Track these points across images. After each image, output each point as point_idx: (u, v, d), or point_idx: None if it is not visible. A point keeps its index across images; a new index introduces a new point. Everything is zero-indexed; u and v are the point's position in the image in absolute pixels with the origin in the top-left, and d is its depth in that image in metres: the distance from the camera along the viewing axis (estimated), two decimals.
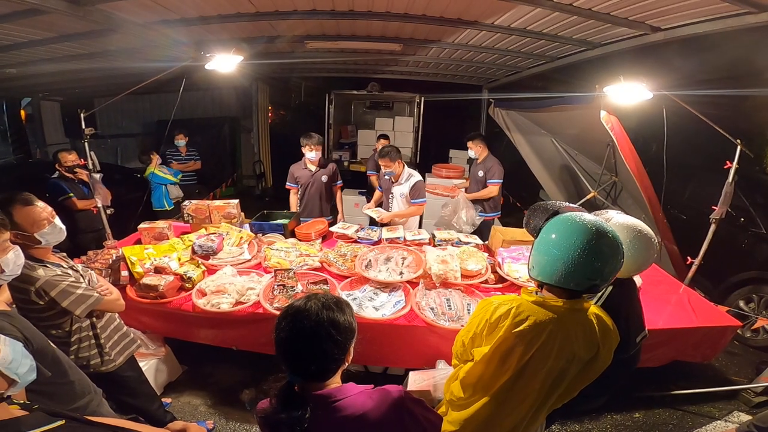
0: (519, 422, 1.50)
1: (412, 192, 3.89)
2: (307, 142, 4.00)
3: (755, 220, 4.01)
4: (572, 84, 5.00)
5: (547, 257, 1.32)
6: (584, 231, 1.28)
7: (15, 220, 1.74)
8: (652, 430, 2.76)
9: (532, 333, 1.33)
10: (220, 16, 3.63)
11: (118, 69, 4.98)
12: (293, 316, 1.09)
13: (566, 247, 1.27)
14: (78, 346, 1.95)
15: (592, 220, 1.32)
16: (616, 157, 4.09)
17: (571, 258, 1.26)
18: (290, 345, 1.08)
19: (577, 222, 1.31)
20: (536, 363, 1.37)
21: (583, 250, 1.25)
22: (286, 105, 10.86)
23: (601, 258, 1.27)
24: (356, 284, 2.84)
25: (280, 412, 1.05)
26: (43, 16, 3.05)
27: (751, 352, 3.67)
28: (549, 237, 1.34)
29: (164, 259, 2.84)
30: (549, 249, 1.32)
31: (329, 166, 4.26)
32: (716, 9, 2.75)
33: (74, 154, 3.91)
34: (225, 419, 2.74)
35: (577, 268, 1.26)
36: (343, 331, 1.10)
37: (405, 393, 1.16)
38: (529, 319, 1.33)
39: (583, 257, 1.25)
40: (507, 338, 1.35)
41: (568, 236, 1.29)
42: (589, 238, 1.26)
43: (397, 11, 3.63)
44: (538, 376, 1.40)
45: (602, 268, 1.28)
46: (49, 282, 1.78)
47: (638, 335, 1.86)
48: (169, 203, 5.37)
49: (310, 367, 1.08)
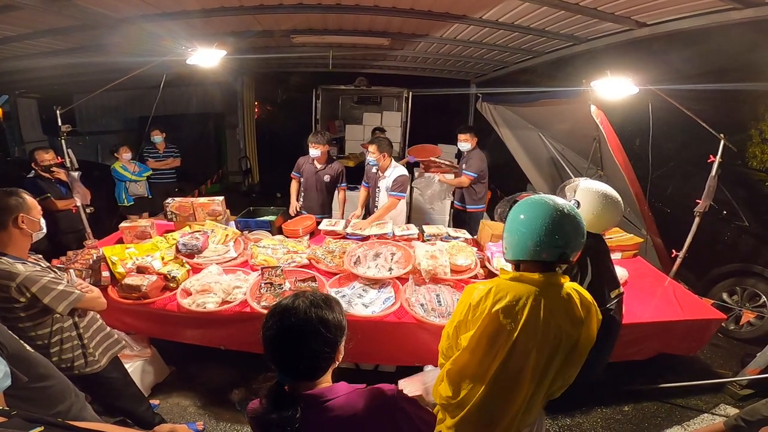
0: (516, 411, 1.49)
1: (393, 184, 3.85)
2: (311, 139, 3.97)
3: (738, 213, 4.09)
4: (560, 79, 5.04)
5: (517, 236, 1.43)
6: (546, 206, 1.41)
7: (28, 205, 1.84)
8: (642, 423, 2.80)
9: (514, 307, 1.38)
10: (203, 11, 3.54)
11: (96, 65, 4.85)
12: (281, 315, 1.06)
13: (533, 223, 1.39)
14: (60, 347, 1.90)
15: (550, 197, 1.47)
16: (603, 151, 4.13)
17: (539, 231, 1.37)
18: (278, 344, 1.06)
19: (539, 200, 1.45)
20: (524, 339, 1.38)
21: (547, 222, 1.37)
22: (272, 100, 10.74)
23: (565, 226, 1.39)
24: (345, 281, 2.82)
25: (270, 413, 1.03)
26: (16, 11, 2.96)
27: (736, 345, 3.74)
28: (517, 218, 1.45)
29: (147, 258, 2.78)
30: (518, 228, 1.44)
31: (335, 167, 4.18)
32: (701, 5, 2.77)
33: (51, 153, 3.79)
34: (215, 420, 2.70)
35: (545, 239, 1.37)
36: (332, 329, 1.08)
37: (397, 392, 1.15)
38: (509, 294, 1.39)
39: (549, 228, 1.37)
40: (491, 318, 1.39)
41: (533, 213, 1.42)
42: (552, 212, 1.39)
43: (385, 5, 3.58)
44: (529, 356, 1.40)
45: (568, 236, 1.39)
46: (29, 277, 1.73)
47: (612, 289, 1.97)
48: (129, 199, 5.28)
49: (298, 366, 1.06)
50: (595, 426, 2.75)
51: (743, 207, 4.09)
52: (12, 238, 1.79)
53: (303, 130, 8.29)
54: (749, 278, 3.78)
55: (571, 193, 1.99)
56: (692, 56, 4.50)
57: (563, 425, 2.75)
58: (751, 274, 3.77)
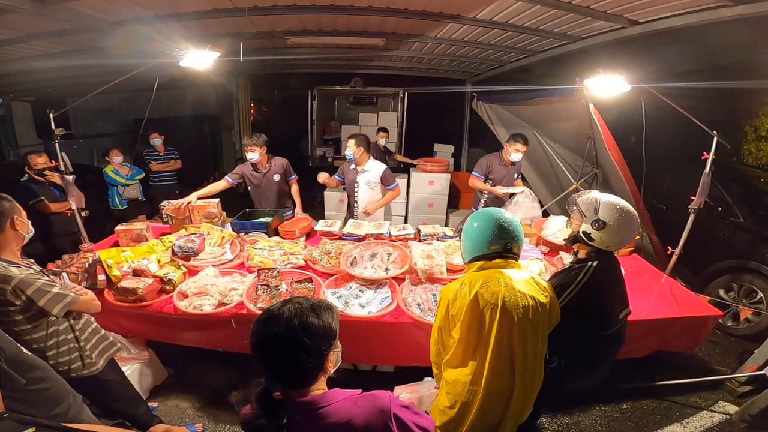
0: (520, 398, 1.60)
1: (384, 179, 3.99)
2: (246, 142, 3.83)
3: (733, 209, 4.10)
4: (554, 77, 5.05)
5: (473, 238, 1.71)
6: (491, 213, 1.73)
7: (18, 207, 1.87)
8: (640, 420, 2.80)
9: (489, 286, 1.56)
10: (196, 13, 3.53)
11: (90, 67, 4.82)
12: (265, 321, 1.07)
13: (484, 225, 1.69)
14: (57, 350, 1.90)
15: (498, 213, 1.74)
16: (598, 148, 4.14)
17: (489, 231, 1.67)
18: (262, 351, 1.06)
19: (486, 210, 1.77)
20: (508, 313, 1.53)
21: (495, 223, 1.68)
22: (268, 102, 10.72)
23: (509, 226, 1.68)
24: (341, 282, 2.82)
25: (259, 418, 1.02)
26: (9, 15, 2.94)
27: (733, 341, 3.74)
28: (472, 225, 1.74)
29: (143, 261, 2.77)
30: (472, 233, 1.72)
31: (278, 162, 4.09)
32: (692, 2, 2.79)
33: (44, 157, 3.76)
34: (214, 422, 2.69)
35: (495, 236, 1.66)
36: (315, 338, 1.06)
37: (392, 398, 1.13)
38: (481, 278, 1.59)
39: (497, 228, 1.66)
40: (473, 301, 1.54)
41: (483, 219, 1.72)
42: (497, 216, 1.70)
43: (379, 6, 3.59)
44: (516, 329, 1.54)
45: (512, 233, 1.68)
46: (24, 280, 1.74)
47: (621, 311, 1.94)
48: (122, 203, 5.24)
49: (283, 374, 1.06)
50: (594, 424, 2.76)
51: (738, 203, 4.11)
52: (6, 241, 1.80)
53: (299, 131, 8.32)
54: (745, 274, 3.78)
55: (590, 210, 1.87)
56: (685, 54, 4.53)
57: (562, 423, 2.75)
58: (747, 270, 3.78)
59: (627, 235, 1.87)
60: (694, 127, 3.00)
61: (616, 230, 1.82)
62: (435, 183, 6.05)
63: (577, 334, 1.80)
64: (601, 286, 1.82)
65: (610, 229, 1.81)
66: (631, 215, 1.86)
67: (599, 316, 1.84)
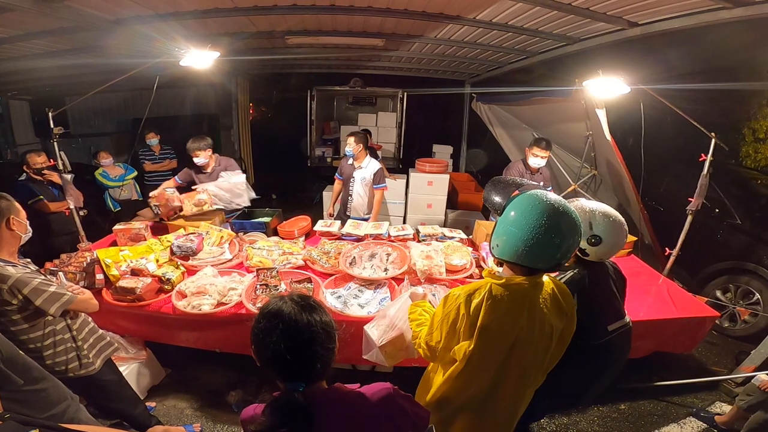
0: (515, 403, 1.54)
1: (375, 178, 4.08)
2: (191, 146, 3.72)
3: (730, 211, 4.12)
4: (553, 78, 5.06)
5: (507, 237, 1.33)
6: (544, 209, 1.28)
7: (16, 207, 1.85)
8: (638, 421, 2.81)
9: (512, 314, 1.35)
10: (196, 12, 3.53)
11: (89, 66, 4.82)
12: (286, 326, 1.03)
13: (526, 225, 1.28)
14: (54, 350, 1.90)
15: (552, 198, 1.33)
16: (596, 150, 4.16)
17: (531, 236, 1.27)
18: (288, 355, 1.02)
19: (537, 200, 1.31)
20: (523, 343, 1.38)
21: (542, 227, 1.26)
22: (267, 101, 10.72)
23: (560, 235, 1.28)
24: (341, 282, 2.82)
25: (279, 426, 0.99)
26: (8, 13, 2.93)
27: (730, 342, 3.76)
28: (509, 215, 1.35)
29: (141, 261, 2.76)
30: (508, 228, 1.34)
31: (225, 164, 4.03)
32: (690, 4, 2.80)
33: (43, 156, 3.75)
34: (212, 421, 2.69)
35: (537, 246, 1.27)
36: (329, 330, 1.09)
37: (394, 390, 1.15)
38: (504, 300, 1.34)
39: (542, 234, 1.26)
40: (489, 323, 1.34)
41: (527, 214, 1.29)
42: (549, 216, 1.27)
43: (379, 6, 3.59)
44: (525, 357, 1.41)
45: (561, 245, 1.29)
46: (20, 279, 1.74)
47: (611, 322, 1.85)
48: (115, 205, 5.18)
49: (303, 373, 1.05)
50: (592, 424, 2.77)
51: (735, 205, 4.13)
52: (2, 240, 1.80)
53: (298, 131, 8.32)
54: (742, 276, 3.81)
55: (584, 224, 1.74)
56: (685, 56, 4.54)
57: (560, 424, 2.76)
58: (744, 271, 3.80)
59: (619, 245, 1.83)
60: (693, 129, 3.01)
61: (612, 244, 1.79)
62: (434, 183, 6.05)
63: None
64: (582, 296, 1.71)
65: (606, 244, 1.78)
66: (622, 225, 1.81)
67: (588, 321, 1.71)
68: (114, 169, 5.19)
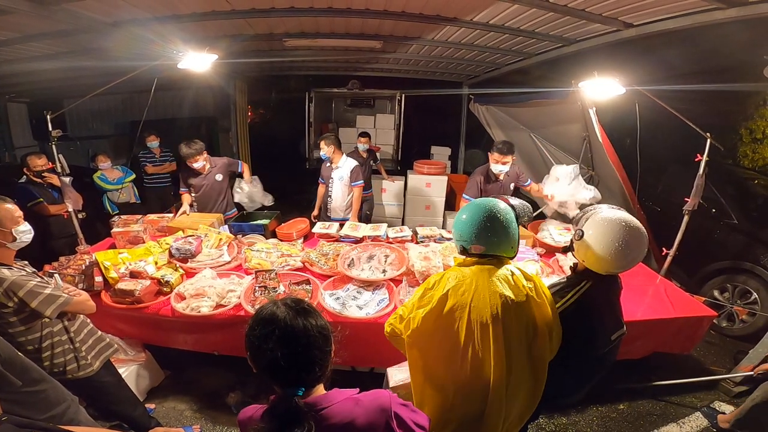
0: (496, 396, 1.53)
1: (352, 175, 4.18)
2: (186, 152, 3.73)
3: (727, 211, 4.13)
4: (550, 79, 5.07)
5: (459, 232, 1.63)
6: (482, 212, 1.60)
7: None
8: (637, 421, 2.82)
9: (461, 286, 1.55)
10: (194, 15, 3.54)
11: (87, 69, 4.81)
12: (282, 332, 1.02)
13: (471, 224, 1.59)
14: (51, 352, 1.90)
15: (490, 203, 1.62)
16: (593, 151, 4.17)
17: (474, 231, 1.58)
18: (286, 362, 1.01)
19: (480, 205, 1.63)
20: (475, 313, 1.51)
21: (481, 222, 1.58)
22: (265, 104, 10.72)
23: (494, 233, 1.59)
24: (339, 283, 2.82)
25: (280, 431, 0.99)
26: (6, 16, 2.93)
27: (728, 342, 3.77)
28: (461, 217, 1.65)
29: (140, 263, 2.77)
30: (461, 225, 1.63)
31: (219, 162, 4.07)
32: (686, 5, 2.82)
33: (44, 159, 3.76)
34: (212, 423, 2.69)
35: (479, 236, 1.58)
36: (325, 333, 1.09)
37: (392, 397, 1.14)
38: (455, 276, 1.58)
39: (481, 227, 1.57)
40: (443, 296, 1.54)
41: (472, 216, 1.61)
42: (484, 214, 1.59)
43: (377, 8, 3.60)
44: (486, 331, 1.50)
45: (498, 241, 1.59)
46: (16, 282, 1.74)
47: (614, 333, 1.81)
48: (113, 208, 5.16)
49: (300, 377, 1.05)
50: (591, 424, 2.77)
51: (732, 205, 4.14)
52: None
53: (296, 133, 8.32)
54: (740, 275, 3.81)
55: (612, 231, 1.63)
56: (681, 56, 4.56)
57: (559, 424, 2.76)
58: (741, 271, 3.81)
59: (634, 255, 1.65)
60: (689, 130, 3.02)
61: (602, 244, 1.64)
62: (432, 185, 6.08)
63: (563, 351, 1.69)
64: (591, 307, 1.69)
65: (593, 242, 1.67)
66: (640, 234, 1.63)
67: (588, 335, 1.71)
68: (112, 172, 5.18)
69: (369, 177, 5.51)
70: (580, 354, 1.73)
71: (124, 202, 5.24)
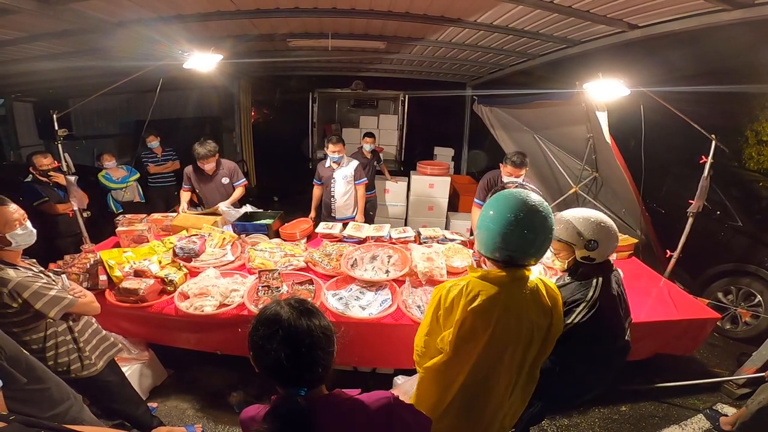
0: (499, 402, 1.52)
1: (356, 174, 4.25)
2: (200, 151, 3.80)
3: (731, 213, 4.11)
4: (554, 81, 5.05)
5: (486, 232, 1.38)
6: (515, 204, 1.34)
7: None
8: (639, 423, 2.81)
9: (487, 307, 1.36)
10: (199, 15, 3.55)
11: (93, 68, 4.84)
12: (286, 333, 1.01)
13: (500, 221, 1.33)
14: (55, 351, 1.91)
15: (524, 195, 1.36)
16: (597, 152, 4.15)
17: (505, 230, 1.32)
18: (290, 362, 1.00)
19: (510, 197, 1.37)
20: (499, 336, 1.38)
21: (515, 222, 1.31)
22: (269, 104, 10.74)
23: (533, 230, 1.33)
24: (342, 283, 2.83)
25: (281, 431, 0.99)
26: (12, 15, 2.95)
27: (731, 344, 3.76)
28: (487, 213, 1.39)
29: (144, 262, 2.78)
30: (487, 224, 1.38)
31: (227, 165, 4.09)
32: (692, 6, 2.81)
33: (49, 158, 3.78)
34: (214, 422, 2.70)
35: (511, 240, 1.33)
36: (329, 333, 1.08)
37: (394, 398, 1.13)
38: (481, 294, 1.36)
39: (515, 228, 1.32)
40: (464, 317, 1.36)
41: (502, 210, 1.35)
42: (521, 211, 1.32)
43: (381, 9, 3.61)
44: (505, 351, 1.42)
45: (534, 240, 1.34)
46: (21, 283, 1.74)
47: (627, 319, 1.89)
48: (117, 207, 5.18)
49: (303, 377, 1.04)
50: (593, 426, 2.76)
51: (737, 207, 4.12)
52: None
53: (300, 133, 8.34)
54: (744, 278, 3.80)
55: (573, 236, 1.77)
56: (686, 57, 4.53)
57: (561, 425, 2.76)
58: (745, 273, 3.80)
59: (615, 237, 1.79)
60: (694, 131, 3.01)
61: (608, 238, 1.76)
62: (435, 186, 6.07)
63: (591, 350, 1.71)
64: (608, 297, 1.74)
65: (602, 243, 1.75)
66: (603, 219, 1.78)
67: (614, 328, 1.78)
68: (117, 171, 5.20)
69: (373, 178, 5.52)
70: (608, 346, 1.76)
71: (129, 201, 5.26)
